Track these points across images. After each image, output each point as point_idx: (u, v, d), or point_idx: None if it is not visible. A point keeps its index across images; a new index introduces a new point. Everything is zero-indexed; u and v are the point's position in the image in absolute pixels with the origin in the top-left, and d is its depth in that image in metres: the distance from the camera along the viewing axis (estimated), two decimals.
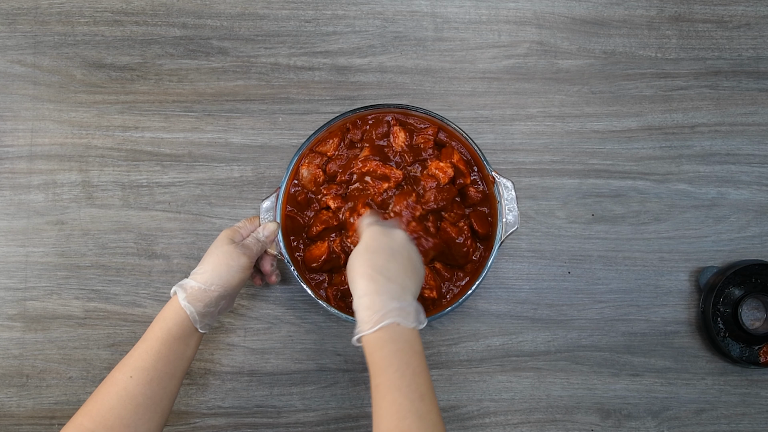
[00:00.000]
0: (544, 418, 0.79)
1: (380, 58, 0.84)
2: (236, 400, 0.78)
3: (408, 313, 0.56)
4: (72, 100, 0.83)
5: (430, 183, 0.72)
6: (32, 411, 0.78)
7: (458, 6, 0.85)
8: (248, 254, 0.67)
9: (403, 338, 0.55)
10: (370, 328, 0.55)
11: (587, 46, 0.85)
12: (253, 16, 0.84)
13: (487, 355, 0.80)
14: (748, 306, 0.81)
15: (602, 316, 0.81)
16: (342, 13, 0.85)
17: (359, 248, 0.61)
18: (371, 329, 0.55)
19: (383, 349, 0.54)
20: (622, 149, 0.83)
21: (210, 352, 0.79)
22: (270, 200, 0.72)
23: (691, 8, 0.86)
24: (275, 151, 0.82)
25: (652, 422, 0.79)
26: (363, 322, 0.56)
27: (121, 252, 0.80)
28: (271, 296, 0.80)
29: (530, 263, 0.81)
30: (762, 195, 0.83)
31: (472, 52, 0.84)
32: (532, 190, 0.82)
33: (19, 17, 0.84)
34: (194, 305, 0.63)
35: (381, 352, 0.54)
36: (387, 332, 0.55)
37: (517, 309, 0.81)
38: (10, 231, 0.81)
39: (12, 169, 0.82)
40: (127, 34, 0.84)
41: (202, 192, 0.82)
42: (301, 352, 0.79)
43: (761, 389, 0.80)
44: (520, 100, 0.84)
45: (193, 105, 0.83)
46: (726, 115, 0.84)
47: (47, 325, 0.79)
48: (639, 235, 0.82)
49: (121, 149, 0.82)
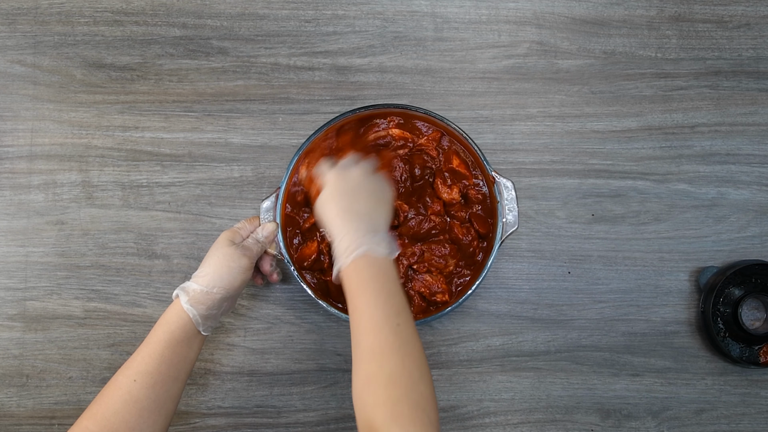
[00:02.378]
0: (544, 418, 0.79)
1: (380, 58, 0.84)
2: (236, 400, 0.78)
3: (379, 243, 0.60)
4: (72, 100, 0.83)
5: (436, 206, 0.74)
6: (32, 411, 0.78)
7: (458, 6, 0.85)
8: (248, 255, 0.67)
9: (376, 264, 0.59)
10: (346, 260, 0.59)
11: (587, 46, 0.85)
12: (253, 16, 0.84)
13: (487, 355, 0.80)
14: (748, 306, 0.81)
15: (602, 316, 0.81)
16: (342, 13, 0.85)
17: (325, 194, 0.65)
18: (347, 260, 0.59)
19: (359, 275, 0.58)
20: (622, 149, 0.83)
21: (210, 352, 0.79)
22: (270, 200, 0.72)
23: (691, 8, 0.86)
24: (275, 151, 0.82)
25: (652, 422, 0.79)
26: (339, 257, 0.60)
27: (121, 252, 0.80)
28: (271, 296, 0.80)
29: (530, 263, 0.81)
30: (762, 195, 0.83)
31: (472, 52, 0.84)
32: (532, 190, 0.82)
33: (19, 17, 0.84)
34: (197, 308, 0.63)
35: (357, 277, 0.58)
36: (361, 261, 0.59)
37: (517, 309, 0.81)
38: (10, 231, 0.81)
39: (12, 169, 0.82)
40: (127, 34, 0.84)
41: (202, 192, 0.82)
42: (301, 352, 0.79)
43: (761, 389, 0.80)
44: (520, 100, 0.84)
45: (193, 105, 0.83)
46: (726, 115, 0.84)
47: (47, 325, 0.79)
48: (639, 235, 0.82)
49: (121, 149, 0.82)
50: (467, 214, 0.74)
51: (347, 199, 0.63)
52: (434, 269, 0.74)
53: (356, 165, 0.67)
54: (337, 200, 0.63)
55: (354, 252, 0.59)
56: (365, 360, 0.54)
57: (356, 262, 0.59)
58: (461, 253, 0.74)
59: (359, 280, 0.58)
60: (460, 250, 0.74)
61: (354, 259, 0.59)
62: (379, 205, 0.64)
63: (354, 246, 0.59)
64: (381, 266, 0.59)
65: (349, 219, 0.61)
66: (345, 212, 0.62)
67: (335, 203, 0.63)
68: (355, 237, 0.60)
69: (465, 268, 0.74)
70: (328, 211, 0.63)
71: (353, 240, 0.60)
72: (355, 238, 0.60)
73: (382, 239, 0.61)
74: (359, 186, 0.65)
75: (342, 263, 0.60)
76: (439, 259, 0.73)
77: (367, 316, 0.56)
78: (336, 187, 0.65)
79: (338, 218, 0.62)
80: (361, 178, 0.66)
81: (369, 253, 0.59)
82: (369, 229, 0.61)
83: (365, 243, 0.59)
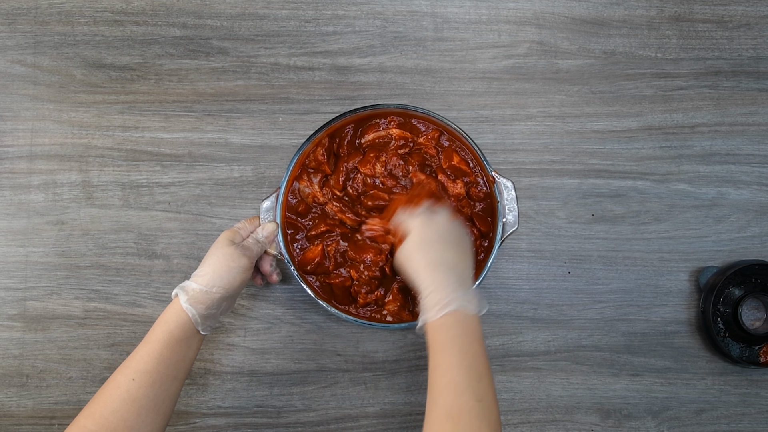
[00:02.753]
0: (544, 418, 0.79)
1: (380, 58, 0.84)
2: (236, 400, 0.78)
3: (470, 300, 0.58)
4: (72, 100, 0.83)
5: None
6: (32, 411, 0.78)
7: (458, 6, 0.85)
8: (248, 255, 0.67)
9: (465, 323, 0.57)
10: (434, 315, 0.57)
11: (587, 46, 0.85)
12: (253, 16, 0.84)
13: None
14: (748, 306, 0.81)
15: (602, 316, 0.81)
16: (342, 13, 0.85)
17: (412, 241, 0.63)
18: (436, 315, 0.57)
19: (446, 333, 0.56)
20: (622, 149, 0.83)
21: (210, 352, 0.79)
22: (270, 200, 0.72)
23: (691, 8, 0.86)
24: (275, 151, 0.82)
25: (652, 422, 0.79)
26: (428, 310, 0.58)
27: (121, 252, 0.80)
28: (271, 296, 0.80)
29: (530, 263, 0.81)
30: (762, 195, 0.83)
31: (472, 52, 0.84)
32: (532, 190, 0.82)
33: (19, 17, 0.84)
34: (196, 307, 0.63)
35: (444, 335, 0.56)
36: (450, 318, 0.57)
37: (517, 309, 0.81)
38: (10, 231, 0.81)
39: (12, 169, 0.82)
40: (127, 34, 0.84)
41: (202, 192, 0.82)
42: (301, 352, 0.79)
43: (761, 389, 0.80)
44: (520, 100, 0.84)
45: (193, 105, 0.83)
46: (726, 115, 0.84)
47: (47, 325, 0.79)
48: (639, 235, 0.82)
49: (121, 149, 0.82)
50: (470, 213, 0.74)
51: (439, 246, 0.61)
52: None
53: (440, 212, 0.65)
54: (428, 246, 0.61)
55: (445, 308, 0.57)
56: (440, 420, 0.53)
57: (445, 318, 0.57)
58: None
59: (445, 338, 0.56)
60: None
61: (442, 315, 0.57)
62: (466, 256, 0.63)
63: (445, 301, 0.57)
64: (469, 325, 0.57)
65: (439, 271, 0.59)
66: (436, 261, 0.60)
67: (424, 253, 0.61)
68: (446, 292, 0.58)
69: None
70: (414, 262, 0.61)
71: (445, 295, 0.58)
72: (446, 293, 0.58)
73: (473, 296, 0.59)
74: (449, 232, 0.63)
75: (429, 317, 0.58)
76: None
77: (449, 378, 0.54)
78: (429, 232, 0.62)
79: (428, 269, 0.60)
80: (447, 226, 0.64)
81: (460, 310, 0.57)
82: (459, 284, 0.59)
83: (456, 300, 0.57)
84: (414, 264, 0.61)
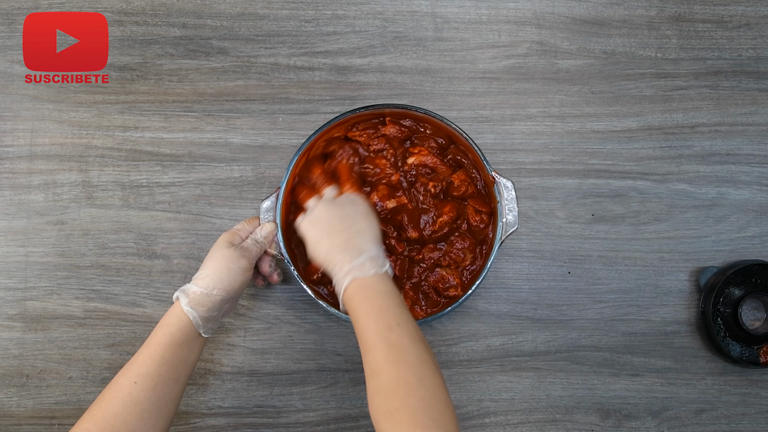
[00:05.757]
0: (544, 418, 0.79)
1: (380, 58, 0.84)
2: (236, 400, 0.78)
3: (362, 265, 0.61)
4: (72, 100, 0.83)
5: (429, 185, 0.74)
6: (32, 411, 0.78)
7: (458, 6, 0.85)
8: (247, 256, 0.67)
9: (364, 286, 0.60)
10: (340, 291, 0.61)
11: (587, 46, 0.85)
12: (253, 16, 0.84)
13: (487, 355, 0.80)
14: (748, 306, 0.81)
15: (602, 316, 0.81)
16: (342, 13, 0.85)
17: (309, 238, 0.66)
18: (342, 292, 0.60)
19: (352, 303, 0.59)
20: (622, 149, 0.83)
21: (210, 352, 0.79)
22: (270, 200, 0.72)
23: (691, 8, 0.86)
24: (275, 151, 0.82)
25: (652, 422, 0.79)
26: (337, 292, 0.62)
27: (121, 252, 0.80)
28: (271, 296, 0.80)
29: (530, 263, 0.81)
30: (762, 195, 0.83)
31: (472, 52, 0.84)
32: (532, 190, 0.82)
33: (19, 17, 0.84)
34: (197, 310, 0.63)
35: (351, 305, 0.59)
36: (350, 288, 0.60)
37: (517, 309, 0.81)
38: (10, 231, 0.81)
39: (12, 169, 0.82)
40: (127, 34, 0.84)
41: (202, 192, 0.82)
42: (301, 352, 0.79)
43: (761, 389, 0.80)
44: (520, 100, 0.84)
45: (193, 105, 0.83)
46: (726, 115, 0.84)
47: (47, 325, 0.79)
48: (639, 235, 0.82)
49: (121, 149, 0.82)
50: (474, 191, 0.75)
51: (326, 237, 0.64)
52: (453, 263, 0.74)
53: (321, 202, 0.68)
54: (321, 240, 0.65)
55: (343, 283, 0.60)
56: (368, 378, 0.55)
57: (347, 292, 0.60)
58: (474, 239, 0.74)
59: (353, 307, 0.59)
60: (472, 234, 0.74)
61: (345, 290, 0.60)
62: (359, 226, 0.65)
63: (341, 277, 0.61)
64: (369, 286, 0.60)
65: (333, 254, 0.62)
66: (331, 249, 0.63)
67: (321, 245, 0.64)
68: (341, 269, 0.61)
69: (475, 262, 0.75)
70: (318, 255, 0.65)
71: (340, 272, 0.61)
72: (343, 270, 0.61)
73: (366, 259, 0.61)
74: (330, 218, 0.65)
75: (340, 296, 0.61)
76: (459, 252, 0.74)
77: (364, 338, 0.57)
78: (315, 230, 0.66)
79: (328, 256, 0.63)
80: (327, 210, 0.66)
81: (356, 279, 0.60)
82: (353, 256, 0.61)
83: (351, 271, 0.60)
84: (319, 257, 0.64)
